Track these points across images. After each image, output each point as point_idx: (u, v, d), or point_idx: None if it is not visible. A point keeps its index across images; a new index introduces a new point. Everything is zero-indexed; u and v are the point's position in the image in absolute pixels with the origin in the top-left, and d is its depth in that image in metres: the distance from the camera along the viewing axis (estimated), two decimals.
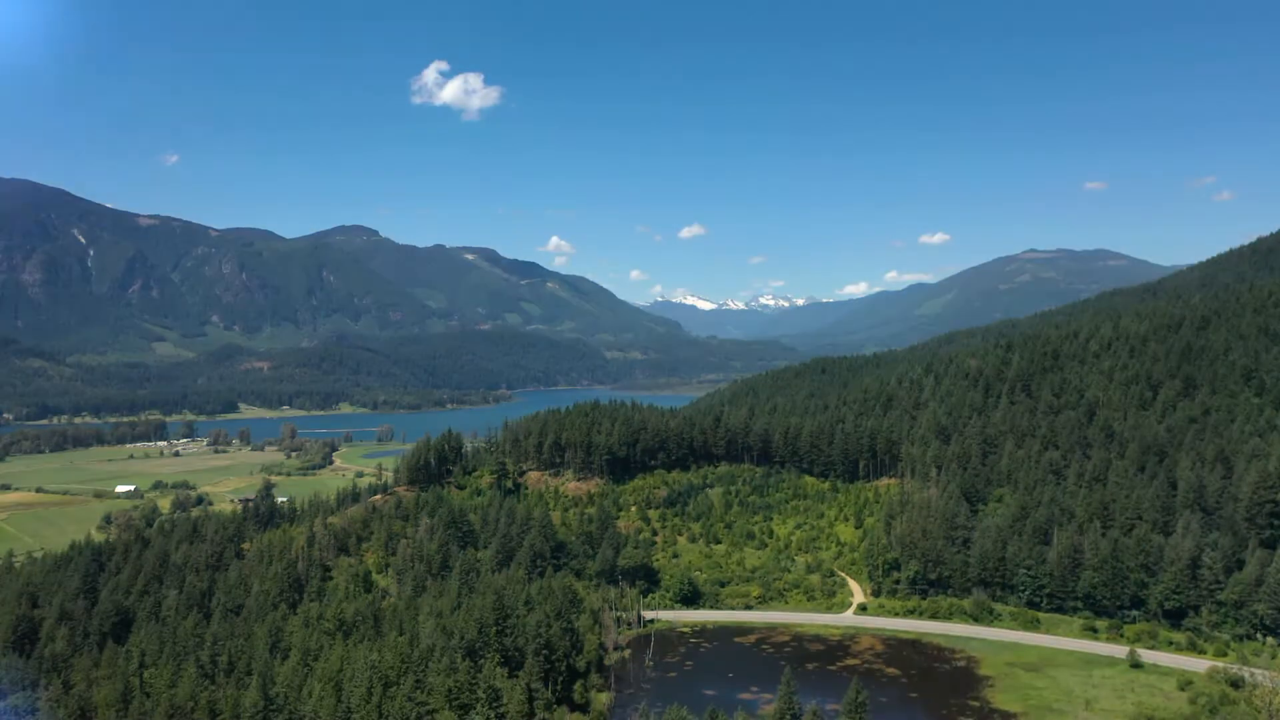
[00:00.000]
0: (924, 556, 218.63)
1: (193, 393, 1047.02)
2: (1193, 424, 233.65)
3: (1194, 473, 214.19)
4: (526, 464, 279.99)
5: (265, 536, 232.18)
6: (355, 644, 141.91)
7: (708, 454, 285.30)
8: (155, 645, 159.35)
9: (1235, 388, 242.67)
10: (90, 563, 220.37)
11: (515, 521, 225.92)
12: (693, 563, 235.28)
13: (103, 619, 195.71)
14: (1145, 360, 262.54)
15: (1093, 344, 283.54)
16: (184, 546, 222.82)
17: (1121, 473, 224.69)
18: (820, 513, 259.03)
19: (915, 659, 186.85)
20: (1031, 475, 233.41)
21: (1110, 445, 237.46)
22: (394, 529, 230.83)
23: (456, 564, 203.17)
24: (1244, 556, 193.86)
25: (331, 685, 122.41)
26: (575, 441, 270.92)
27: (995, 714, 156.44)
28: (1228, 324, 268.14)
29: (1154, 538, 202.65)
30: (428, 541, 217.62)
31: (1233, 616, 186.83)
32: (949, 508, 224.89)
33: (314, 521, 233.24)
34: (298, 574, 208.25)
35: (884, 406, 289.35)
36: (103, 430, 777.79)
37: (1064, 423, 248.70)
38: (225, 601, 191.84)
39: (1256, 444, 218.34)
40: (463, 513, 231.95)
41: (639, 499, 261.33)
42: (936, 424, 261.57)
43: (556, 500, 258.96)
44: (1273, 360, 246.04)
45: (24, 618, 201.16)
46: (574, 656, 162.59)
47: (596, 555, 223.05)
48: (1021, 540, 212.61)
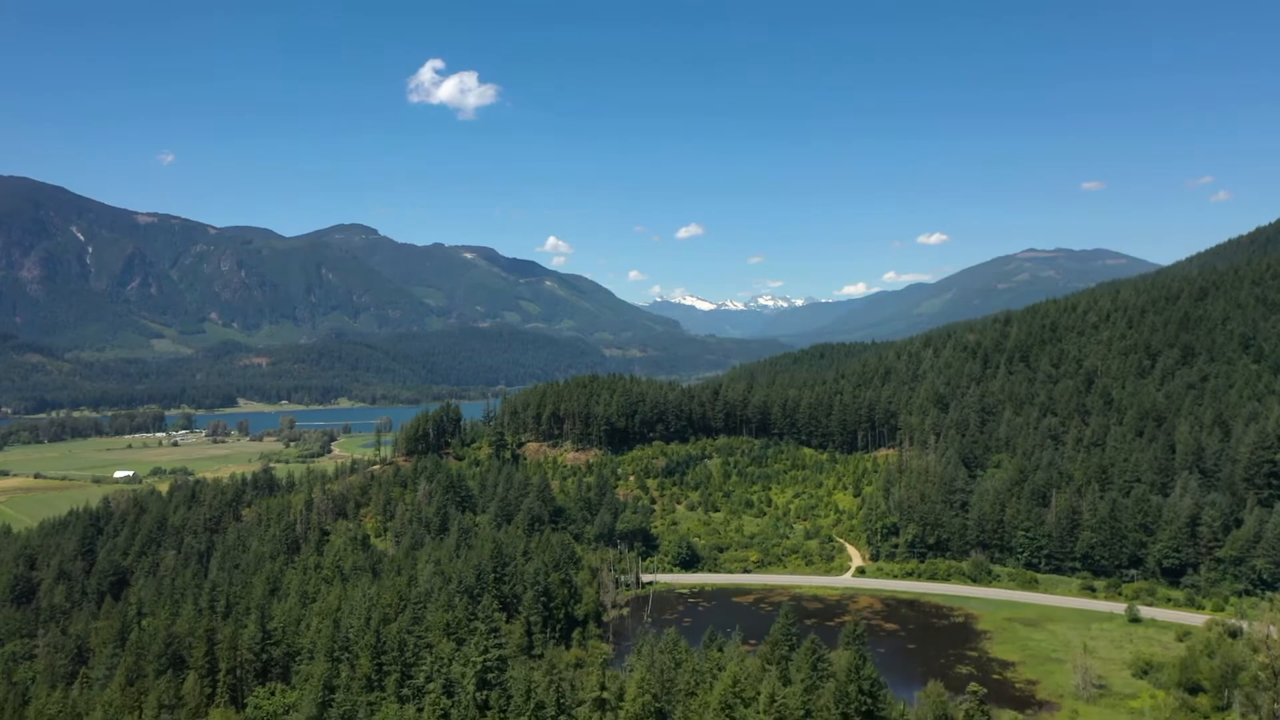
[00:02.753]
0: (922, 520, 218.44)
1: (191, 388, 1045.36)
2: (1191, 390, 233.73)
3: (1192, 436, 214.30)
4: (525, 435, 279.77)
5: (264, 502, 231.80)
6: (353, 587, 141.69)
7: (706, 427, 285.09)
8: (153, 595, 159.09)
9: (1233, 355, 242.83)
10: (88, 526, 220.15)
11: (513, 486, 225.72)
12: (691, 529, 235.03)
13: (101, 578, 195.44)
14: (1144, 330, 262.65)
15: (1091, 315, 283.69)
16: (182, 510, 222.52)
17: (1120, 438, 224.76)
18: (818, 482, 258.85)
19: (913, 616, 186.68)
20: (1030, 441, 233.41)
21: (1109, 412, 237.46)
22: (392, 495, 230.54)
23: (454, 524, 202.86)
24: (1242, 516, 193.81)
25: (329, 620, 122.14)
26: (574, 412, 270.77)
27: (993, 663, 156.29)
28: (1226, 295, 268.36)
29: (1152, 498, 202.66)
30: (426, 505, 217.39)
31: (1231, 573, 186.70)
32: (947, 472, 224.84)
33: (312, 488, 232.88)
34: (295, 536, 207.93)
35: (882, 379, 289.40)
36: (101, 422, 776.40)
37: (1062, 391, 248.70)
38: (223, 561, 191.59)
39: (1255, 407, 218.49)
40: (461, 478, 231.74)
41: (637, 469, 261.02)
42: (935, 393, 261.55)
43: (555, 470, 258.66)
44: (1271, 328, 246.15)
45: (22, 577, 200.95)
46: (572, 605, 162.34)
47: (595, 519, 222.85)
48: (1020, 503, 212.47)
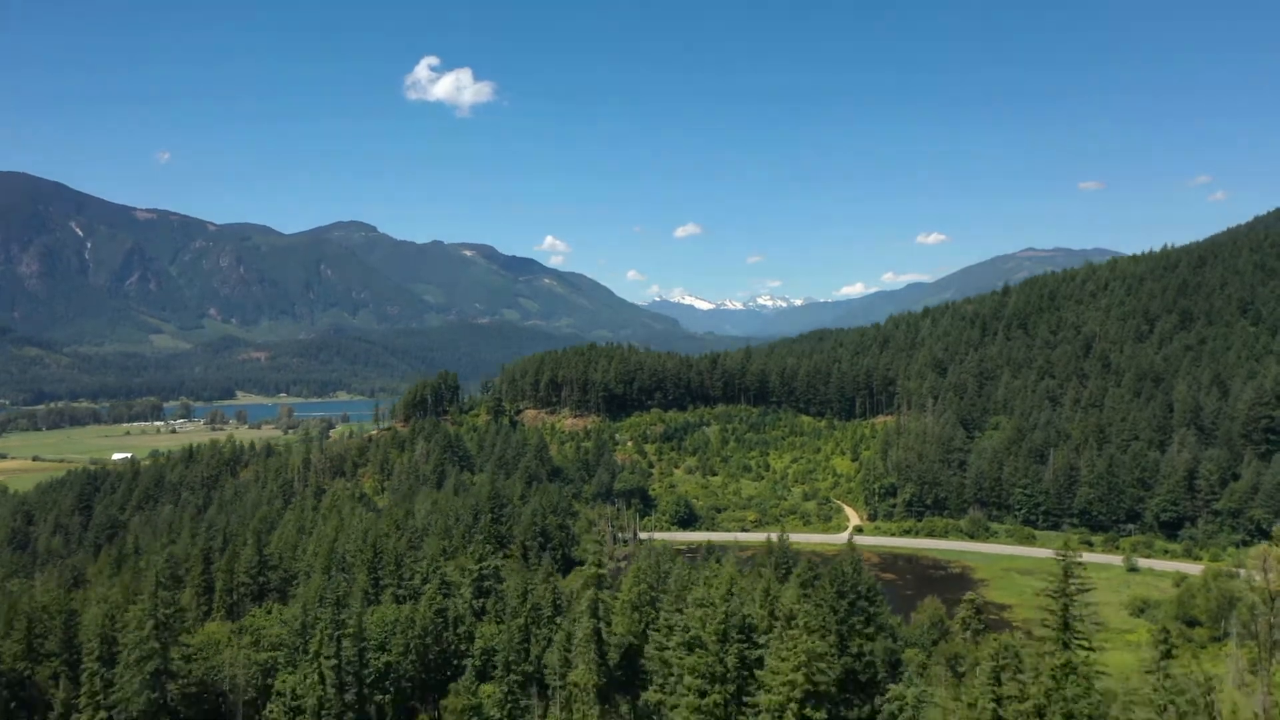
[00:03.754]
0: (920, 479, 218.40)
1: (190, 380, 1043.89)
2: (1189, 351, 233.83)
3: (1190, 395, 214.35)
4: (523, 403, 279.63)
5: (261, 461, 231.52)
6: (350, 516, 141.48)
7: (704, 395, 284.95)
8: (150, 536, 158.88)
9: (1231, 318, 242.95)
10: (85, 484, 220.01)
11: (511, 445, 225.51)
12: (689, 492, 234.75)
13: (98, 531, 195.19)
14: (1142, 297, 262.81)
15: (1090, 285, 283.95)
16: (179, 468, 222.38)
17: (1118, 398, 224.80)
18: (816, 448, 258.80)
19: (911, 568, 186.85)
20: (1028, 402, 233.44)
21: (1107, 375, 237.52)
22: (390, 456, 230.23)
23: (451, 478, 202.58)
24: (1239, 470, 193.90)
25: (326, 543, 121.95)
26: (572, 379, 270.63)
27: (990, 605, 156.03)
28: (1224, 262, 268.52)
29: (1150, 454, 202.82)
30: (423, 463, 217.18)
31: (1229, 525, 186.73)
32: (945, 432, 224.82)
33: (310, 447, 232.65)
34: (293, 492, 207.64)
35: (880, 346, 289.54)
36: (99, 412, 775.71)
37: (1060, 355, 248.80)
38: (219, 512, 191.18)
39: (1253, 367, 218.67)
40: (459, 438, 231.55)
41: (635, 434, 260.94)
42: (933, 359, 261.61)
43: (553, 435, 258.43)
44: (1270, 293, 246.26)
45: (19, 530, 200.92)
46: (570, 548, 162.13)
47: (593, 480, 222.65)
48: (1018, 461, 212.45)
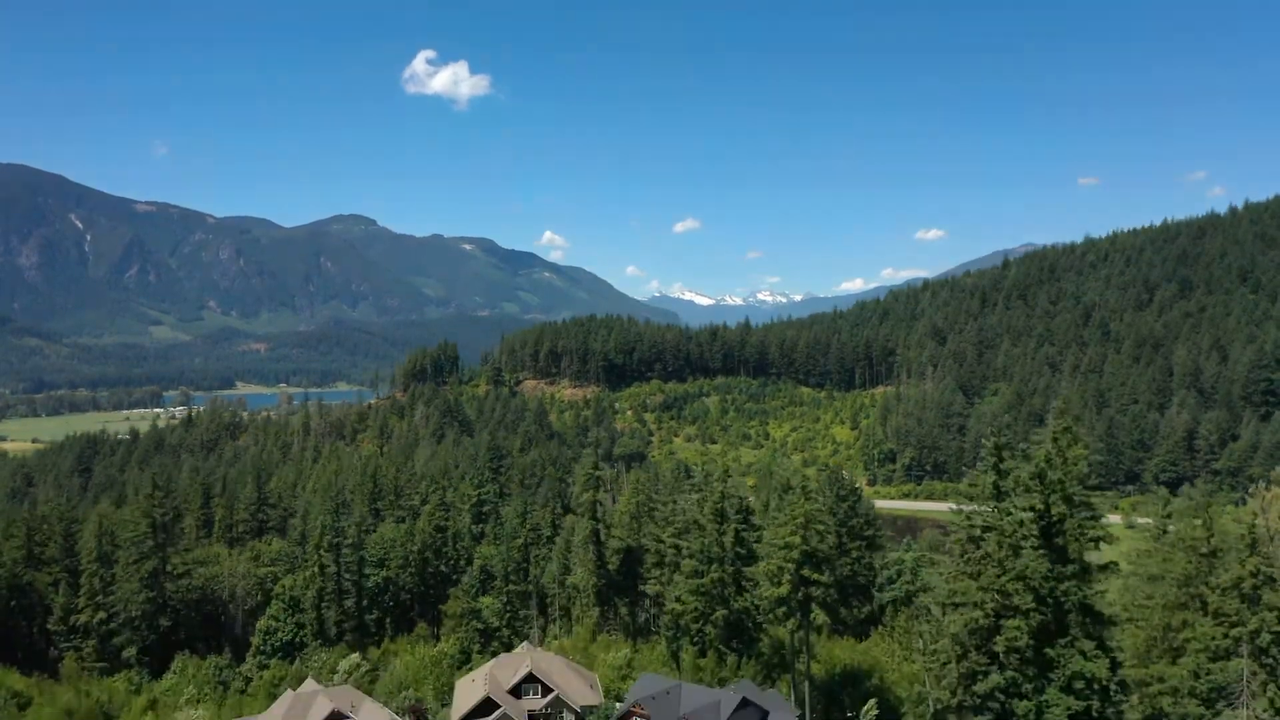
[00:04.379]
0: (919, 444, 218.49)
1: (189, 371, 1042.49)
2: (1188, 318, 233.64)
3: (1190, 359, 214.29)
4: (522, 374, 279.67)
5: (261, 427, 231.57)
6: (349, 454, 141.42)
7: (704, 367, 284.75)
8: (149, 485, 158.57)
9: (1231, 286, 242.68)
10: (85, 447, 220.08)
11: (510, 409, 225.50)
12: (688, 459, 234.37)
13: (97, 490, 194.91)
14: (1142, 267, 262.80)
15: (1090, 256, 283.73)
16: (179, 431, 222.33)
17: (1117, 364, 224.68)
18: (816, 417, 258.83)
19: (910, 529, 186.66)
20: (1027, 368, 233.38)
21: (1106, 342, 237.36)
22: (389, 421, 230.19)
23: (450, 440, 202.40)
24: (1239, 431, 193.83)
25: (325, 480, 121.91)
26: (571, 349, 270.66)
27: None
28: (1224, 233, 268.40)
29: (1149, 415, 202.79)
30: (423, 426, 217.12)
31: (1228, 484, 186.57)
32: (945, 397, 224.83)
33: (309, 412, 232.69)
34: (292, 455, 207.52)
35: (880, 318, 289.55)
36: (99, 399, 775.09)
37: (1060, 323, 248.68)
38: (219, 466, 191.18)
39: (1253, 331, 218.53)
40: (458, 403, 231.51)
41: (635, 403, 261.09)
42: (933, 328, 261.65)
43: (553, 404, 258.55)
44: (1269, 261, 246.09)
45: (19, 490, 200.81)
46: (568, 499, 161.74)
47: (590, 443, 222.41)
48: (1017, 424, 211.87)
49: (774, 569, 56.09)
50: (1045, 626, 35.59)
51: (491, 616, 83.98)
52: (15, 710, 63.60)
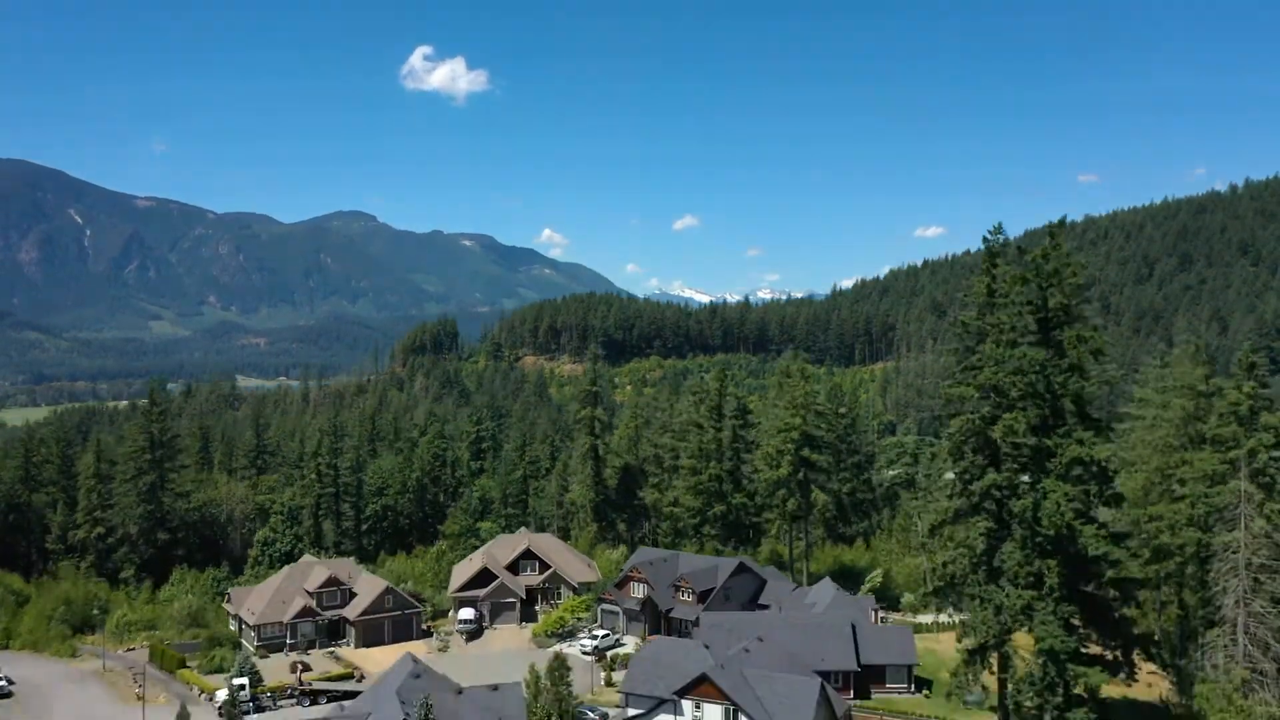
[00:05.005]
0: (919, 414, 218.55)
1: (189, 364, 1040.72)
2: (1188, 291, 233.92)
3: (1190, 329, 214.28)
4: (522, 349, 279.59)
5: (259, 399, 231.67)
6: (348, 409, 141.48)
7: (704, 344, 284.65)
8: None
9: (1231, 259, 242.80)
10: (84, 417, 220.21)
11: (510, 381, 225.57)
12: None
13: None
14: (1142, 242, 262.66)
15: (1090, 233, 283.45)
16: (178, 400, 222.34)
17: (1117, 336, 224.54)
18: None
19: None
20: None
21: (1106, 315, 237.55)
22: (389, 393, 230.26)
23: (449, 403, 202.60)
24: None
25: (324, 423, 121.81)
26: (571, 325, 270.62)
27: None
28: (1225, 209, 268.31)
29: None
30: (423, 396, 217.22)
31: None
32: (946, 365, 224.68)
33: (307, 383, 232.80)
34: (290, 423, 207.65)
35: (880, 294, 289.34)
36: (98, 391, 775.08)
37: None
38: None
39: (1253, 302, 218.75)
40: (457, 374, 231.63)
41: (634, 379, 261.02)
42: (933, 302, 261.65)
43: (552, 379, 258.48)
44: (1270, 235, 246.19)
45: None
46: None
47: None
48: None
49: (773, 451, 56.17)
50: (1044, 421, 35.61)
51: (490, 539, 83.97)
52: (15, 606, 63.74)
